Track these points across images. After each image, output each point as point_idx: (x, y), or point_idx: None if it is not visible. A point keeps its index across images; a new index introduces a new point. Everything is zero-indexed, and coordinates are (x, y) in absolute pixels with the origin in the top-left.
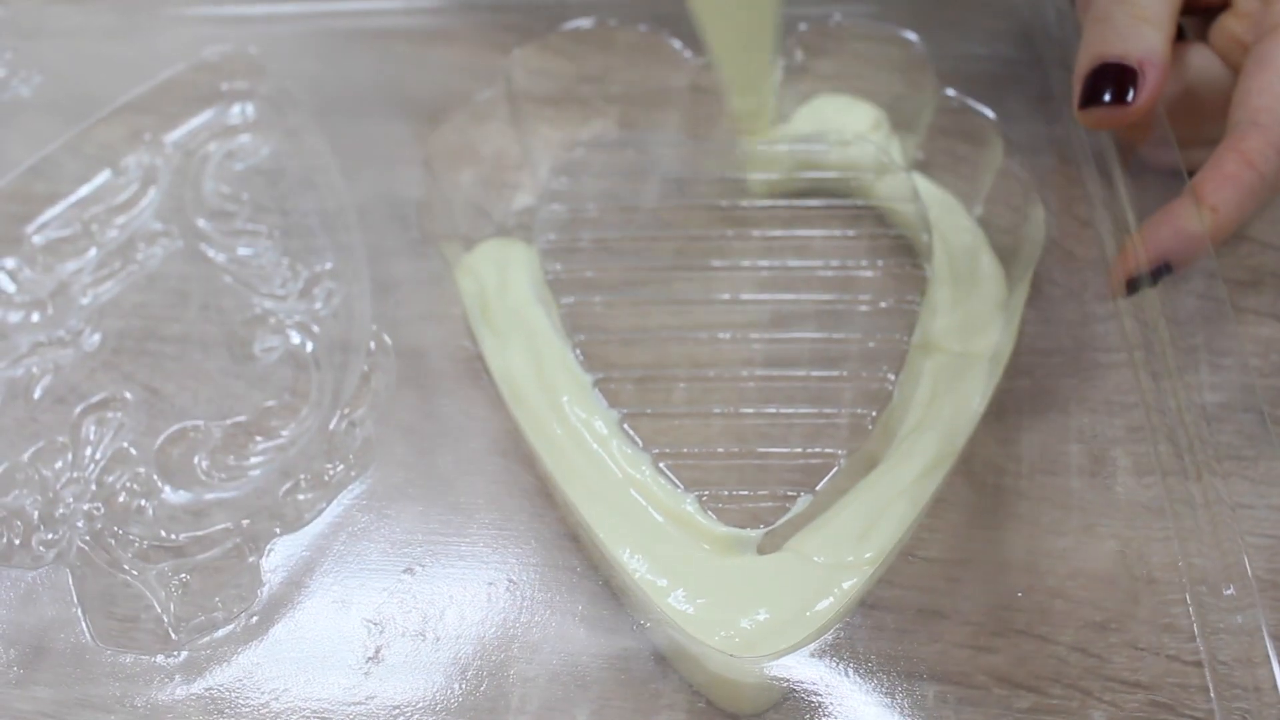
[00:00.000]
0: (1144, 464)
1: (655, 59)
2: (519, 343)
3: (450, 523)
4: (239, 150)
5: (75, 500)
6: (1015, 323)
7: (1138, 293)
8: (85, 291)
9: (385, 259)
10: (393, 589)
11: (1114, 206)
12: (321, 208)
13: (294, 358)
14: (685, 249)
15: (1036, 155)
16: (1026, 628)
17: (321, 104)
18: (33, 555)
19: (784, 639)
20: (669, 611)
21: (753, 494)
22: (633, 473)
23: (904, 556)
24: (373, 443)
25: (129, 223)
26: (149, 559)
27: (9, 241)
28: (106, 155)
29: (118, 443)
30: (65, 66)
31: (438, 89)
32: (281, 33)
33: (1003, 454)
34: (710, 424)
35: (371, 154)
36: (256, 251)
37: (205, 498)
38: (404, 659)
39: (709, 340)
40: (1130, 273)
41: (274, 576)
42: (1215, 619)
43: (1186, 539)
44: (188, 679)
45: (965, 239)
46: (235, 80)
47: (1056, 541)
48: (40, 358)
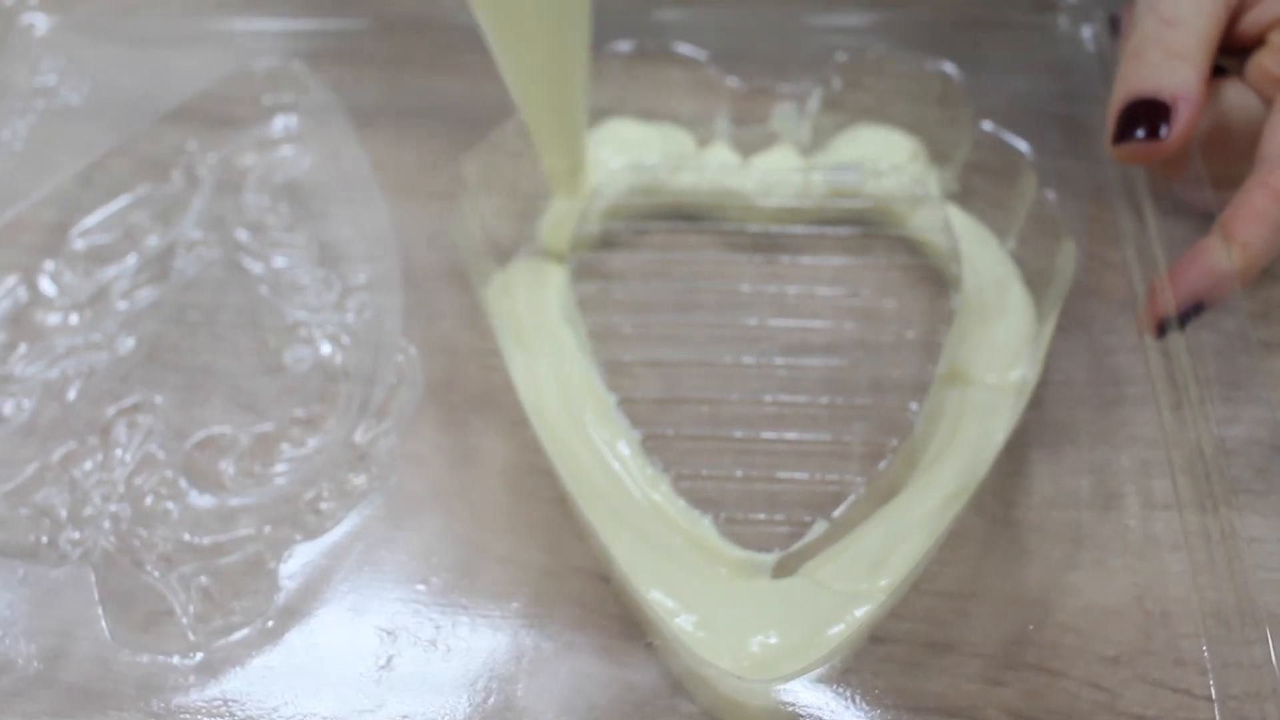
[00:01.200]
0: (1156, 498)
1: (693, 83)
2: (546, 361)
3: (467, 536)
4: (280, 162)
5: (103, 501)
6: (1041, 356)
7: (1167, 334)
8: (123, 297)
9: (418, 274)
10: (407, 599)
11: (1142, 243)
12: (358, 221)
13: (324, 369)
14: (713, 273)
15: (1070, 190)
16: (1038, 662)
17: (362, 119)
18: (59, 553)
19: (794, 663)
20: (680, 632)
21: (770, 518)
22: (651, 493)
23: (914, 589)
24: (396, 455)
25: (169, 231)
26: (171, 561)
27: (52, 245)
28: (151, 164)
29: (147, 446)
30: (114, 76)
31: (479, 107)
32: (326, 48)
33: (1015, 486)
34: (730, 447)
35: (410, 170)
36: (292, 263)
37: (230, 503)
38: (415, 668)
39: (733, 364)
40: (1160, 316)
41: (291, 583)
42: (1227, 653)
43: (1199, 573)
44: (202, 680)
45: (997, 271)
46: (279, 93)
47: (1068, 575)
48: (76, 360)
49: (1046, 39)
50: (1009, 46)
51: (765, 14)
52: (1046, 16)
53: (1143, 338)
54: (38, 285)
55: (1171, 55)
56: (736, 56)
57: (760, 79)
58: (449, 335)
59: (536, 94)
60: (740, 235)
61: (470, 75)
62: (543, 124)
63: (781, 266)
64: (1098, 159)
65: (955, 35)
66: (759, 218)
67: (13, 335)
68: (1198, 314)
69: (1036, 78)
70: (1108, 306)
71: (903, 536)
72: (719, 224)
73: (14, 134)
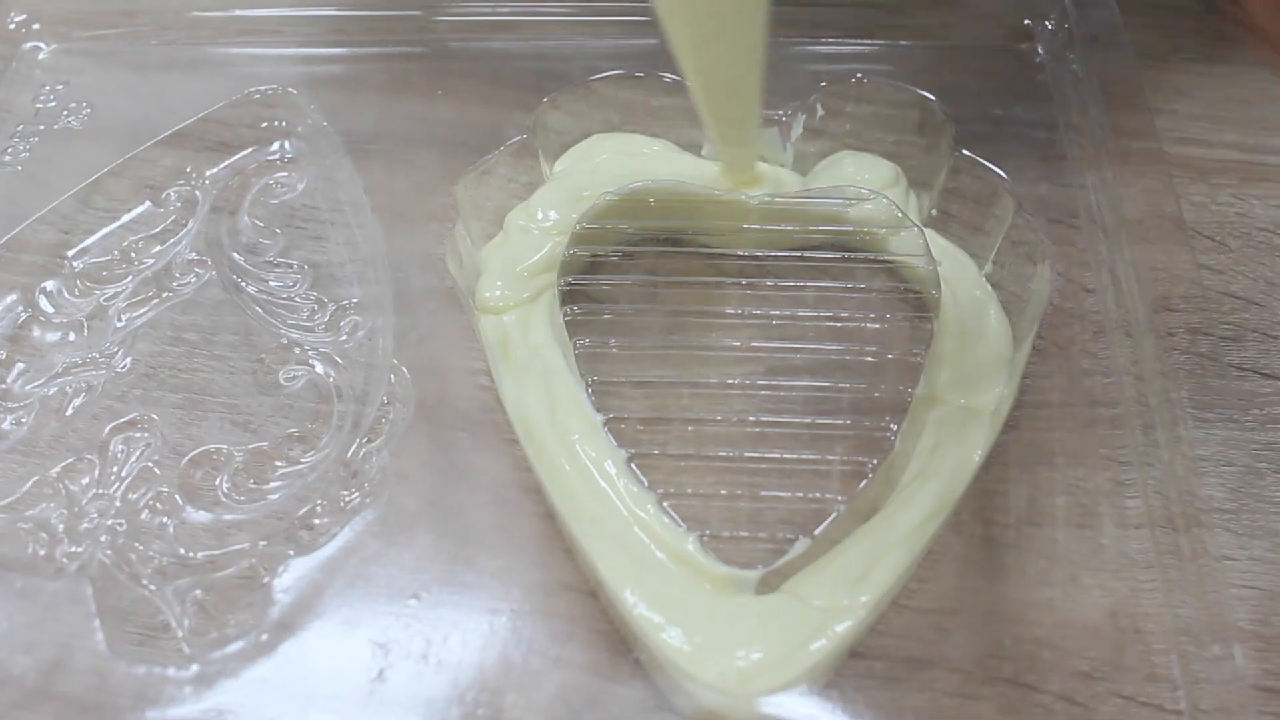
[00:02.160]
0: (1130, 517)
1: (678, 109)
2: (535, 381)
3: (458, 553)
4: (275, 186)
5: (100, 515)
6: (1018, 378)
7: None
8: (120, 316)
9: (410, 296)
10: (399, 613)
11: (1117, 267)
12: (351, 244)
13: (317, 388)
14: (700, 296)
15: (1046, 215)
16: (1014, 676)
17: (357, 144)
18: (55, 566)
19: (777, 678)
20: (665, 647)
21: (752, 536)
22: (638, 511)
23: (894, 605)
24: (388, 472)
25: (166, 251)
26: (167, 575)
27: (51, 265)
28: (148, 186)
29: (144, 462)
30: (114, 100)
31: (473, 134)
32: (322, 74)
33: (992, 505)
34: (715, 466)
35: (403, 195)
36: (286, 284)
37: (225, 519)
38: (406, 681)
39: (718, 385)
40: None
41: (285, 597)
42: (1198, 669)
43: (1172, 590)
44: (198, 692)
45: (975, 295)
46: (275, 119)
47: (1044, 592)
48: (74, 377)
49: (1025, 67)
50: (988, 75)
51: None
52: (1026, 45)
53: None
54: (37, 303)
55: None
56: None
57: None
58: (440, 356)
59: (712, 79)
60: (726, 259)
61: (464, 102)
62: (718, 109)
63: (766, 290)
64: (1074, 185)
65: (936, 64)
66: (744, 242)
67: (11, 353)
68: None
69: (1015, 105)
70: (1084, 330)
71: (883, 554)
72: (705, 248)
73: (14, 155)
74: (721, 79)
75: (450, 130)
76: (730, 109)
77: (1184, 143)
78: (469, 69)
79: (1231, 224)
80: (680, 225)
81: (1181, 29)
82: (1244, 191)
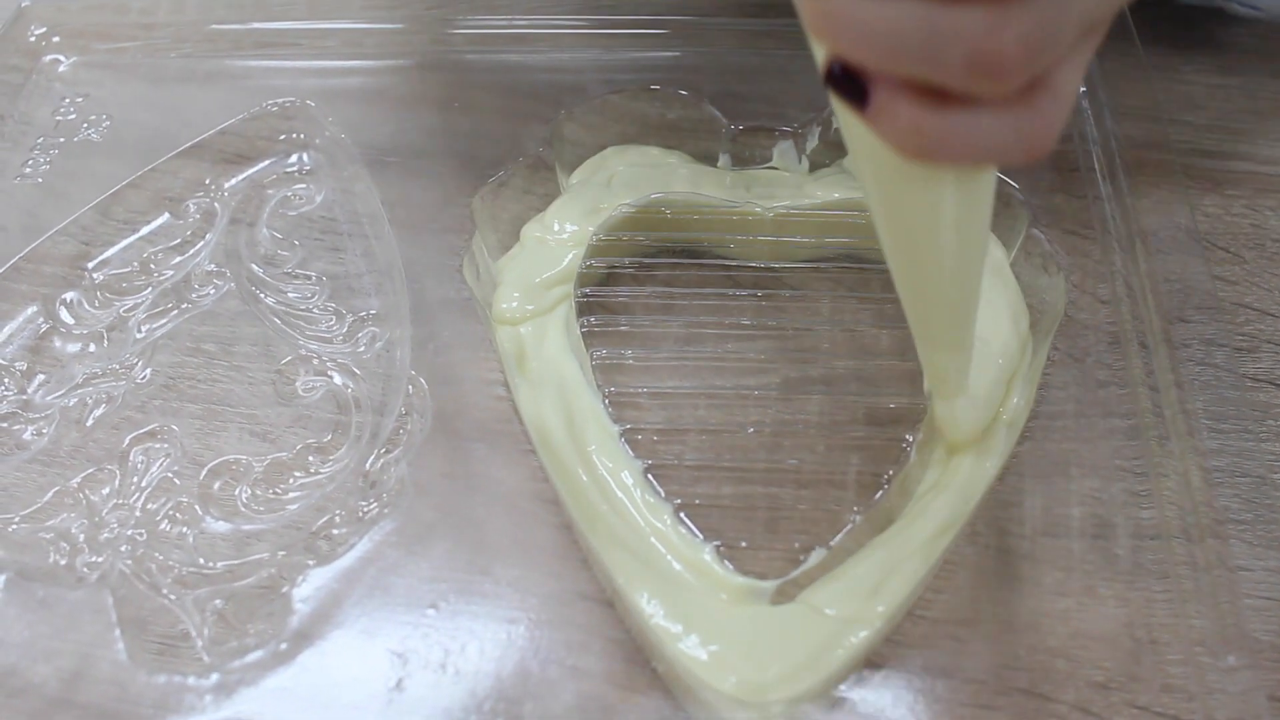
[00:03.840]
0: (1145, 527)
1: (693, 122)
2: (551, 392)
3: (476, 562)
4: (293, 197)
5: (120, 525)
6: (1033, 388)
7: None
8: (140, 327)
9: (427, 306)
10: (417, 623)
11: (1132, 278)
12: (369, 256)
13: (335, 398)
14: (716, 307)
15: (1060, 226)
16: (1029, 687)
17: (374, 156)
18: (76, 576)
19: (794, 688)
20: (682, 656)
21: (769, 546)
22: (654, 521)
23: (910, 616)
24: (406, 483)
25: (185, 263)
26: (187, 584)
27: (71, 276)
28: (167, 198)
29: (164, 472)
30: (133, 113)
31: (489, 146)
32: (339, 87)
33: (1007, 516)
34: (731, 477)
35: (420, 206)
36: (304, 295)
37: (244, 528)
38: (425, 690)
39: (735, 395)
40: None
41: (304, 606)
42: (1213, 680)
43: (1187, 601)
44: (217, 701)
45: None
46: (293, 131)
47: (1059, 603)
48: (94, 388)
49: None
50: None
51: (764, 54)
52: None
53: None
54: (57, 315)
55: None
56: (736, 95)
57: (759, 118)
58: (457, 367)
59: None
60: (741, 271)
61: (481, 115)
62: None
63: (781, 301)
64: (1088, 197)
65: None
66: (759, 254)
67: (32, 364)
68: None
69: None
70: (1099, 341)
71: (899, 564)
72: (721, 260)
73: (35, 168)
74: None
75: (467, 143)
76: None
77: (1198, 154)
78: (486, 82)
79: (1246, 235)
80: (696, 237)
81: (1195, 41)
82: (1258, 203)
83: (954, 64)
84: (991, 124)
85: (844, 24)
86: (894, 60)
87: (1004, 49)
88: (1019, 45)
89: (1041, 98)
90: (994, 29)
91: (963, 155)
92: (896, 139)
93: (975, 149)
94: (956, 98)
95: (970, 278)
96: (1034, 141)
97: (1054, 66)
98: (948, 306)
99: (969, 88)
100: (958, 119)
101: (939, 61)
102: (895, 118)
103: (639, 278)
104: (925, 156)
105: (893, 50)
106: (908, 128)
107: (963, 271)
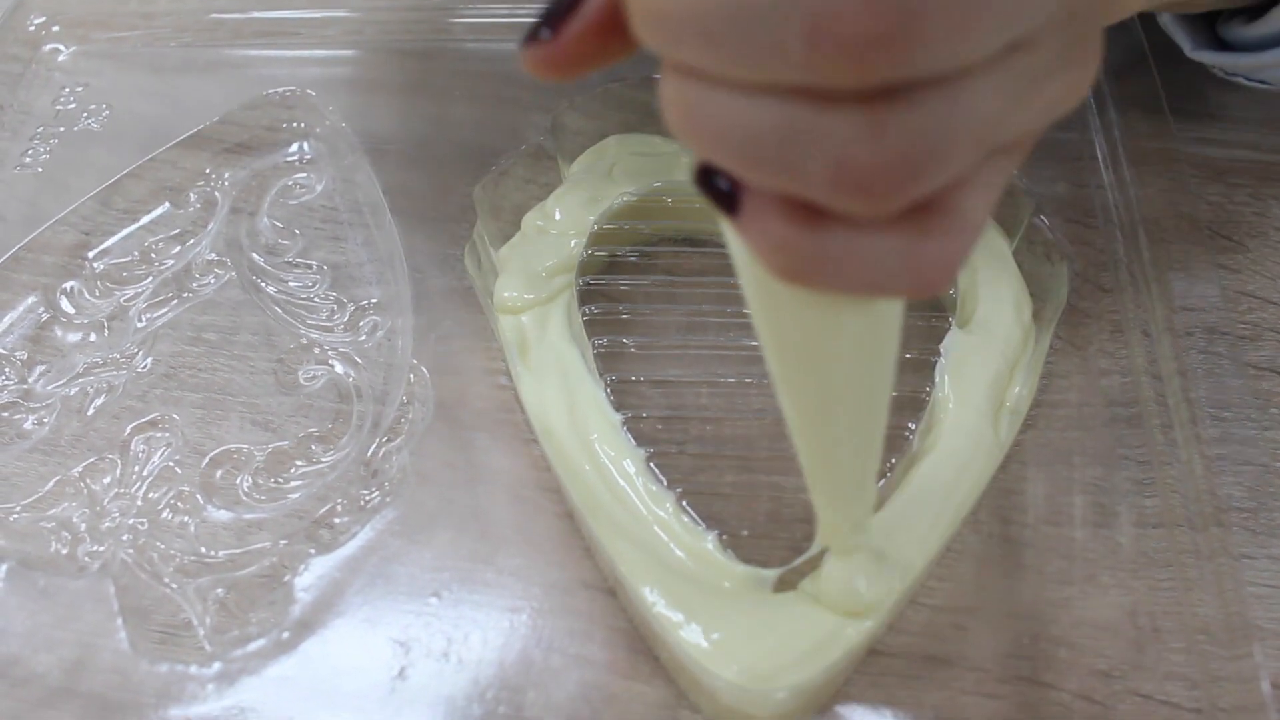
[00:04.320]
0: (1147, 515)
1: None
2: (553, 381)
3: (478, 551)
4: (294, 187)
5: (121, 515)
6: (1035, 377)
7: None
8: (141, 316)
9: (429, 296)
10: (419, 611)
11: (1135, 267)
12: (370, 245)
13: (337, 387)
14: (717, 295)
15: (1062, 216)
16: (1032, 675)
17: (375, 146)
18: (78, 565)
19: (796, 675)
20: (685, 644)
21: (771, 535)
22: (656, 510)
23: (912, 604)
24: (408, 472)
25: (185, 252)
26: (189, 573)
27: (71, 266)
28: (168, 187)
29: (165, 461)
30: (133, 102)
31: (490, 135)
32: (340, 76)
33: (1010, 504)
34: (733, 465)
35: (421, 195)
36: (305, 284)
37: (245, 517)
38: (427, 679)
39: (736, 384)
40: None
41: (306, 595)
42: (1216, 667)
43: (1190, 589)
44: (220, 690)
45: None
46: (294, 120)
47: (1061, 591)
48: (95, 377)
49: None
50: None
51: None
52: None
53: (1121, 357)
54: (58, 304)
55: None
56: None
57: None
58: (458, 356)
59: (829, 449)
60: None
61: (481, 104)
62: (829, 478)
63: None
64: (1091, 185)
65: None
66: None
67: (32, 353)
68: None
69: None
70: (1101, 329)
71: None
72: (723, 248)
73: (34, 157)
74: (835, 460)
75: (468, 132)
76: (841, 489)
77: (1201, 143)
78: (486, 71)
79: (1249, 223)
80: (697, 225)
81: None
82: (1261, 191)
83: (816, 176)
84: (873, 249)
85: (702, 125)
86: (754, 168)
87: (874, 161)
88: (894, 158)
89: (936, 222)
90: (862, 137)
91: (838, 283)
92: (766, 257)
93: (852, 277)
94: (833, 216)
95: (869, 421)
96: (925, 274)
97: (953, 189)
98: (840, 453)
99: (837, 205)
100: (833, 240)
101: (800, 172)
102: (764, 234)
103: (641, 266)
104: (796, 280)
105: (752, 157)
106: (777, 245)
107: (859, 413)
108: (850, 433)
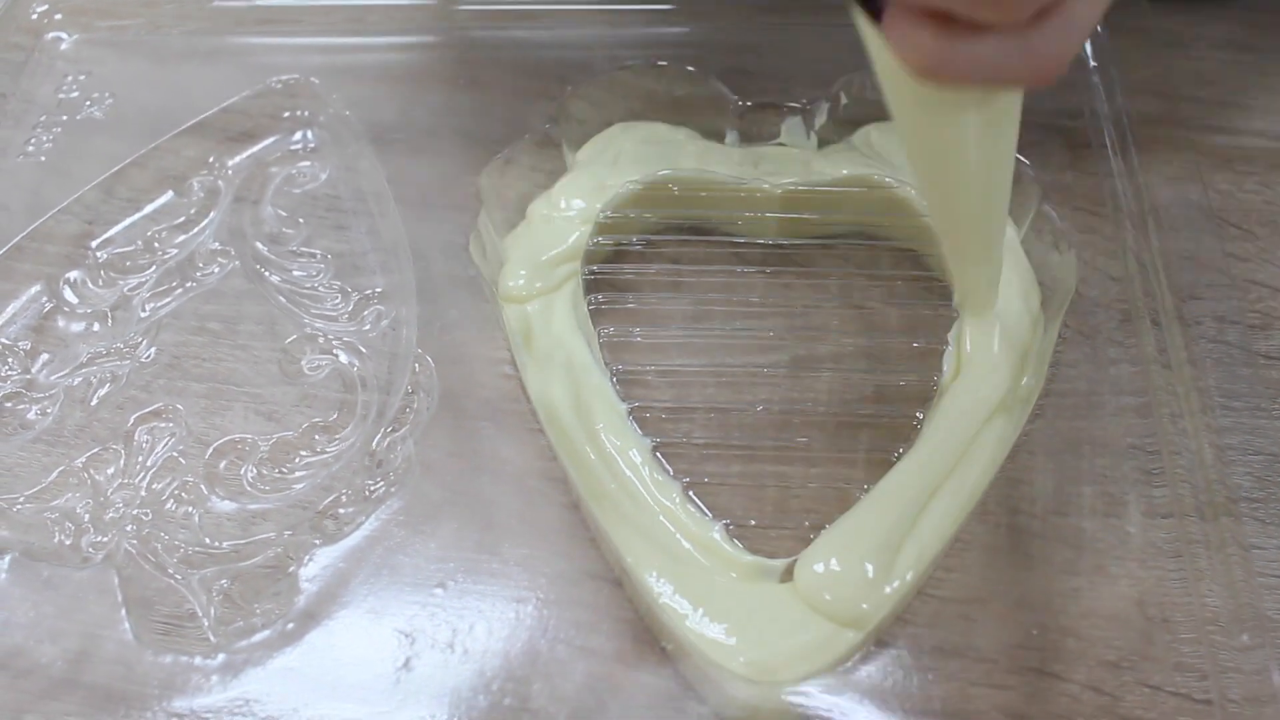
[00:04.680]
0: (1156, 505)
1: (701, 98)
2: (558, 370)
3: (483, 542)
4: (298, 175)
5: (125, 505)
6: (1044, 366)
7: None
8: (144, 306)
9: (433, 284)
10: (425, 602)
11: (1144, 255)
12: (374, 234)
13: (341, 376)
14: (723, 284)
15: (1070, 204)
16: (1040, 666)
17: (379, 134)
18: (81, 556)
19: (803, 666)
20: (691, 635)
21: (778, 525)
22: (663, 500)
23: (920, 594)
24: (413, 461)
25: (189, 241)
26: (193, 564)
27: (74, 255)
28: (171, 176)
29: (169, 451)
30: (136, 90)
31: (495, 123)
32: (343, 64)
33: (1019, 494)
34: (740, 455)
35: (426, 184)
36: (310, 274)
37: (250, 508)
38: (432, 670)
39: (743, 374)
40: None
41: (311, 586)
42: (1226, 658)
43: (1199, 579)
44: (224, 681)
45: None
46: (297, 108)
47: (1070, 581)
48: (98, 367)
49: None
50: None
51: (772, 30)
52: None
53: (1131, 345)
54: (61, 294)
55: None
56: (744, 72)
57: (767, 94)
58: (463, 345)
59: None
60: (750, 247)
61: (486, 92)
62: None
63: (790, 278)
64: (1100, 173)
65: None
66: (768, 231)
67: (36, 343)
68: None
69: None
70: (1110, 318)
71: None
72: (729, 237)
73: (37, 146)
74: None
75: (473, 120)
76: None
77: (1210, 130)
78: (491, 58)
79: (1258, 211)
80: (704, 214)
81: (1207, 16)
82: (1271, 179)
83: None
84: (998, 49)
85: None
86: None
87: None
88: None
89: (1052, 24)
90: None
91: (967, 77)
92: (904, 57)
93: (980, 72)
94: (965, 24)
95: (996, 196)
96: (1040, 67)
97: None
98: (974, 223)
99: (974, 14)
100: (964, 44)
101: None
102: (904, 37)
103: (646, 255)
104: (930, 77)
105: None
106: (914, 46)
107: (988, 190)
108: (981, 205)
